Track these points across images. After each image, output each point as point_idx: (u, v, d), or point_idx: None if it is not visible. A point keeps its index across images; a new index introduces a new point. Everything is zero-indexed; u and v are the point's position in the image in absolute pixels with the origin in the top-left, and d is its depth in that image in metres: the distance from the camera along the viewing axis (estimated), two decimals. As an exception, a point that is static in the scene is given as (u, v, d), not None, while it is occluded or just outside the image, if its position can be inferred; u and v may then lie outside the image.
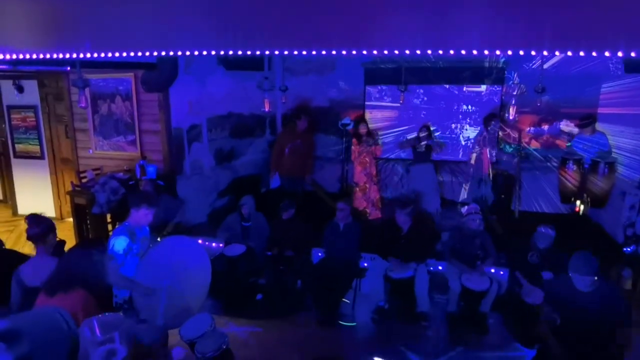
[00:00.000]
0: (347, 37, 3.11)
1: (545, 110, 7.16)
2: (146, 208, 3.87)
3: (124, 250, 3.75)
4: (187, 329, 3.60)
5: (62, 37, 3.27)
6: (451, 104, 7.80)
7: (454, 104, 7.79)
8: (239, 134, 8.04)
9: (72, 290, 2.94)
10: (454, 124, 7.86)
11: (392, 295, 5.32)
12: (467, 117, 7.77)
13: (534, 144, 7.46)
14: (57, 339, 1.29)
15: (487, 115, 7.19)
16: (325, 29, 2.89)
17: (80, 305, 2.85)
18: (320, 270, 5.44)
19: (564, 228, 6.18)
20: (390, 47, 3.45)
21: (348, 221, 5.61)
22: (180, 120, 6.95)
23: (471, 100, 7.69)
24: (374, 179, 7.24)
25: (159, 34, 3.19)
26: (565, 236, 5.38)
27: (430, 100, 7.87)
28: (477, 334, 4.94)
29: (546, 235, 4.96)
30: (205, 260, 4.19)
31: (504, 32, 2.93)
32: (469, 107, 7.73)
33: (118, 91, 6.93)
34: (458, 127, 7.85)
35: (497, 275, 5.25)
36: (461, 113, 7.79)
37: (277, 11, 2.36)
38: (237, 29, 2.94)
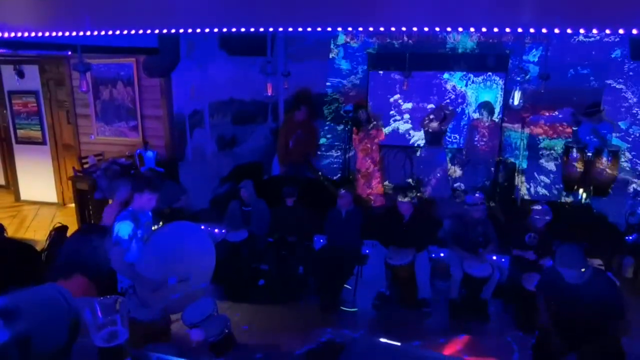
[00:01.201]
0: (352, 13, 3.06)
1: (549, 97, 7.11)
2: (149, 193, 3.87)
3: (129, 236, 3.75)
4: (190, 313, 3.62)
5: (61, 13, 3.24)
6: (455, 91, 7.74)
7: (458, 91, 7.73)
8: (241, 120, 8.01)
9: (72, 276, 2.94)
10: (458, 110, 7.80)
11: (394, 282, 5.34)
12: (471, 104, 7.71)
13: (537, 131, 7.41)
14: (56, 316, 1.29)
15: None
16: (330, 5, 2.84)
17: (80, 291, 2.85)
18: (322, 257, 5.45)
19: (567, 216, 6.19)
20: (398, 24, 3.39)
21: (350, 208, 5.60)
22: (182, 106, 6.92)
23: (475, 87, 7.63)
24: (378, 165, 7.20)
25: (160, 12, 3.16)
26: (568, 224, 5.38)
27: (434, 86, 7.80)
28: (478, 320, 4.96)
29: (541, 211, 4.94)
30: (209, 246, 4.19)
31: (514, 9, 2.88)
32: (472, 94, 7.66)
33: (119, 76, 6.89)
34: (462, 114, 7.80)
35: (499, 262, 5.26)
36: (465, 100, 7.73)
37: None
38: (239, 5, 2.90)
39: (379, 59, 7.89)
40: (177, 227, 4.27)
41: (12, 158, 8.26)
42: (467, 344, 4.58)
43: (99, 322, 1.43)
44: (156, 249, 3.85)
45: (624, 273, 5.70)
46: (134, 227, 3.79)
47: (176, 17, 3.47)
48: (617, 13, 2.83)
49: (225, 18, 3.47)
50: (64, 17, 3.45)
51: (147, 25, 3.79)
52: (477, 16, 3.21)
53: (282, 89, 7.78)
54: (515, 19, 3.15)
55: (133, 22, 3.60)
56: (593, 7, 2.87)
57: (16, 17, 3.69)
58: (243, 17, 3.30)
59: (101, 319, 1.43)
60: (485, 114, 7.15)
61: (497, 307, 5.14)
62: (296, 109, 7.45)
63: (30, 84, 7.73)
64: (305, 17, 3.28)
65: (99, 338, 1.42)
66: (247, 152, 8.12)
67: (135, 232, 3.80)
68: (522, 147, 7.36)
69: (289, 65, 7.01)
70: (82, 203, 6.65)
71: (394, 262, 5.16)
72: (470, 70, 7.56)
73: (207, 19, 3.56)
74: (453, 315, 5.04)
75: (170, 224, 4.18)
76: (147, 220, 4.00)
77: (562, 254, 3.56)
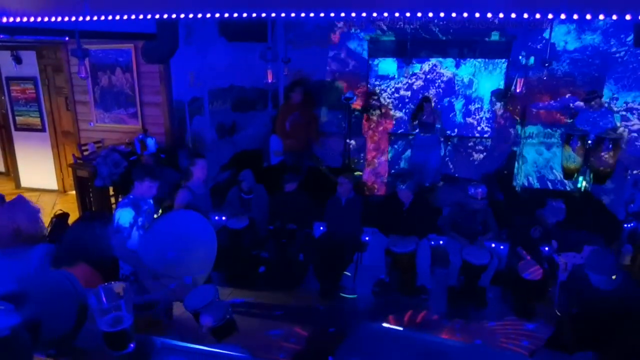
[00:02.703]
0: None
1: (551, 84, 7.09)
2: (149, 181, 3.89)
3: (129, 223, 3.76)
4: (192, 299, 3.63)
5: (59, 0, 3.21)
6: (457, 78, 7.70)
7: (460, 78, 7.69)
8: (241, 108, 7.97)
9: (76, 264, 2.95)
10: (459, 98, 7.78)
11: (393, 269, 5.37)
12: (472, 91, 7.68)
13: (538, 118, 7.39)
14: (64, 301, 1.31)
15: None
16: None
17: (84, 279, 2.86)
18: (322, 244, 5.47)
19: (566, 204, 6.20)
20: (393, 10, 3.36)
21: (350, 196, 5.61)
22: (182, 93, 6.89)
23: (477, 73, 7.59)
24: (386, 155, 7.16)
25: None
26: (568, 212, 5.39)
27: (436, 73, 7.76)
28: (476, 307, 5.01)
29: (558, 209, 4.95)
30: (210, 233, 4.20)
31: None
32: (476, 81, 7.62)
33: (118, 62, 6.84)
34: (463, 101, 7.78)
35: (497, 250, 5.29)
36: (466, 87, 7.69)
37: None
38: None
39: (380, 46, 7.83)
40: (178, 214, 4.28)
41: (11, 145, 8.24)
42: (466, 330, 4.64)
43: (104, 308, 1.45)
44: (158, 237, 3.86)
45: (622, 261, 5.73)
46: (135, 215, 3.80)
47: (175, 2, 3.44)
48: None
49: (223, 2, 3.44)
50: (63, 2, 3.41)
51: (146, 10, 3.75)
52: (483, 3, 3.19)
53: (282, 76, 7.74)
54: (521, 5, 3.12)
55: (132, 6, 3.57)
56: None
57: (13, 2, 3.65)
58: (241, 1, 3.26)
59: (106, 304, 1.45)
60: (495, 101, 7.08)
61: (495, 294, 5.18)
62: (291, 92, 7.41)
63: (28, 70, 7.68)
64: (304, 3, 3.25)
65: (104, 323, 1.44)
66: (247, 139, 8.09)
67: (136, 220, 3.81)
68: (523, 134, 7.36)
69: (289, 52, 6.96)
70: (83, 190, 6.65)
71: (398, 250, 5.18)
72: (472, 56, 7.52)
73: (205, 3, 3.52)
74: (451, 302, 5.08)
75: (171, 212, 4.19)
76: (148, 207, 4.01)
77: (593, 258, 3.48)
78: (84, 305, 1.37)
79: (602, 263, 3.39)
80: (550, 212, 4.96)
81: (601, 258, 3.44)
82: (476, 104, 7.69)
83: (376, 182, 7.20)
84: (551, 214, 4.95)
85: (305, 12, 3.95)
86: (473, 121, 7.75)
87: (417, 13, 3.54)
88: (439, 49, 7.58)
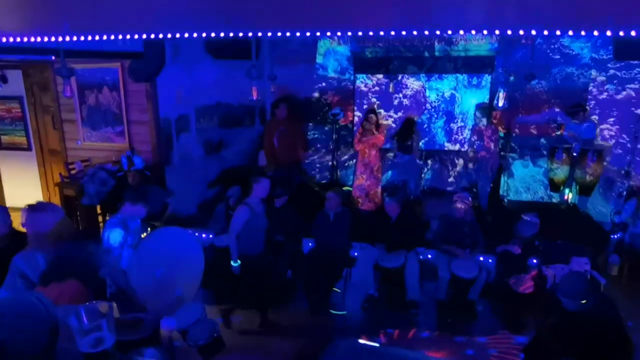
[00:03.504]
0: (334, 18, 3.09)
1: (534, 98, 7.20)
2: (142, 206, 3.90)
3: (119, 243, 3.74)
4: (179, 317, 3.59)
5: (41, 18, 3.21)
6: (441, 92, 7.80)
7: (444, 92, 7.79)
8: (228, 124, 7.98)
9: (66, 280, 2.91)
10: (443, 112, 7.87)
11: (383, 284, 5.35)
12: (459, 106, 7.78)
13: (523, 132, 7.48)
14: (35, 324, 1.28)
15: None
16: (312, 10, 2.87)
17: (74, 295, 2.83)
18: (311, 260, 5.45)
19: (553, 216, 6.26)
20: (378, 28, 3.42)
21: (338, 210, 5.60)
22: (168, 111, 6.89)
23: (461, 88, 7.69)
24: (375, 172, 7.12)
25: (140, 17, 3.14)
26: (554, 224, 5.45)
27: (420, 88, 7.86)
28: (466, 320, 5.00)
29: (531, 223, 4.99)
30: (197, 250, 4.19)
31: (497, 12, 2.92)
32: (458, 96, 7.73)
33: (105, 81, 6.84)
34: (447, 115, 7.86)
35: (486, 262, 5.31)
36: (450, 102, 7.79)
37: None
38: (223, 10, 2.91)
39: (365, 63, 7.92)
40: (165, 232, 4.26)
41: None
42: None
43: (85, 328, 1.42)
44: (146, 256, 3.84)
45: (609, 271, 5.79)
46: (125, 234, 3.79)
47: (157, 22, 3.47)
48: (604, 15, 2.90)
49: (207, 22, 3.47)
50: (44, 22, 3.42)
51: (128, 30, 3.78)
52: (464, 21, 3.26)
53: (269, 93, 7.78)
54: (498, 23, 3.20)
55: (113, 27, 3.59)
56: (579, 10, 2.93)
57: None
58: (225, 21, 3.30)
59: (87, 324, 1.43)
60: (479, 115, 7.17)
61: (485, 307, 5.18)
62: (275, 108, 7.45)
63: (14, 89, 7.63)
64: (288, 22, 3.30)
65: (85, 344, 1.42)
66: (234, 155, 8.09)
67: (125, 239, 3.80)
68: (508, 148, 7.45)
69: (275, 69, 7.01)
70: (70, 209, 6.57)
71: (387, 265, 5.18)
72: (456, 72, 7.63)
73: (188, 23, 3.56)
74: (441, 316, 5.07)
75: (159, 230, 4.17)
76: (136, 226, 3.99)
77: (564, 282, 3.48)
78: (56, 327, 1.34)
79: (572, 287, 3.39)
80: (523, 227, 5.00)
81: (572, 282, 3.43)
82: (460, 118, 7.78)
83: (361, 197, 7.18)
84: (525, 228, 4.99)
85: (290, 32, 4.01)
86: (458, 135, 7.84)
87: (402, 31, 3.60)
88: (423, 65, 7.69)
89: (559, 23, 3.15)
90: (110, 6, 2.91)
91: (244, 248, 4.81)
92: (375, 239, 5.46)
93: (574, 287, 3.39)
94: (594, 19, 3.06)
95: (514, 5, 2.62)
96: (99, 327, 1.43)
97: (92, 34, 3.64)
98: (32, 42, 3.95)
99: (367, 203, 7.15)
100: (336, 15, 2.99)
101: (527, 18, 3.01)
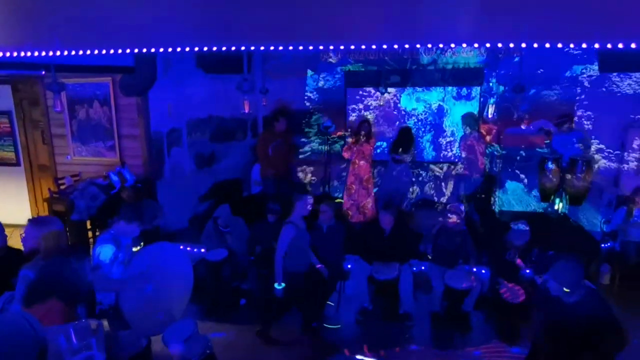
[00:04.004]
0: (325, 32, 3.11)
1: (524, 109, 7.27)
2: (137, 225, 3.86)
3: (110, 260, 3.69)
4: (170, 334, 3.54)
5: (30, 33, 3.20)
6: (431, 104, 7.87)
7: (434, 104, 7.86)
8: (220, 138, 7.98)
9: (47, 300, 2.85)
10: (433, 124, 7.93)
11: (376, 297, 5.33)
12: (447, 117, 7.84)
13: (513, 143, 7.55)
14: (22, 344, 1.26)
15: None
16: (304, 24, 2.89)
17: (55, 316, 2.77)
18: (304, 274, 5.40)
19: (544, 226, 6.29)
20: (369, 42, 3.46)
21: (331, 223, 5.58)
22: (160, 124, 6.88)
23: (451, 100, 7.77)
24: (364, 182, 7.05)
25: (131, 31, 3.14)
26: (546, 234, 5.46)
27: (411, 101, 7.92)
28: (460, 332, 4.98)
29: (520, 231, 5.00)
30: (187, 266, 4.14)
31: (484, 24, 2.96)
32: (448, 108, 7.80)
33: (96, 96, 6.82)
34: (437, 127, 7.93)
35: (479, 273, 5.31)
36: (441, 114, 7.86)
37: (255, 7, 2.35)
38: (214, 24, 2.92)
39: (356, 76, 7.98)
40: (156, 248, 4.20)
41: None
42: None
43: (74, 347, 1.40)
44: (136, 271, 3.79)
45: (600, 280, 5.81)
46: (116, 251, 3.74)
47: (148, 37, 3.47)
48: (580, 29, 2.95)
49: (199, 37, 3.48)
50: (35, 37, 3.40)
51: (119, 45, 3.77)
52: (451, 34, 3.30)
53: (261, 106, 7.80)
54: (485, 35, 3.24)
55: (104, 41, 3.58)
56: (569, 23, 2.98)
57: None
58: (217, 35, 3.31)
59: (76, 344, 1.40)
60: (466, 127, 7.17)
61: (479, 319, 5.16)
62: (275, 121, 7.44)
63: (3, 103, 7.58)
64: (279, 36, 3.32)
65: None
66: (226, 169, 8.07)
67: (116, 256, 3.75)
68: (499, 159, 7.50)
69: (267, 82, 7.03)
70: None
71: (381, 277, 5.16)
72: (446, 85, 7.71)
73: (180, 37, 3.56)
74: (436, 328, 5.05)
75: (150, 246, 4.12)
76: (127, 242, 3.95)
77: (558, 267, 3.43)
78: (44, 348, 1.32)
79: (564, 273, 3.35)
80: (514, 236, 5.01)
81: (565, 268, 3.39)
82: (450, 130, 7.85)
83: (350, 209, 7.12)
84: (516, 237, 4.99)
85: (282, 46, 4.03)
86: (448, 147, 7.89)
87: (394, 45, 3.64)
88: (414, 78, 7.76)
89: (548, 35, 3.20)
90: (101, 20, 2.91)
91: (291, 266, 4.85)
92: (369, 252, 5.43)
93: (565, 273, 3.34)
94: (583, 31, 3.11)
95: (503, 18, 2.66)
96: (88, 346, 1.41)
97: (83, 48, 3.63)
98: (22, 57, 3.93)
99: (357, 215, 7.07)
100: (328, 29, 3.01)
101: (516, 31, 3.05)
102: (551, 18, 2.67)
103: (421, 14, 2.54)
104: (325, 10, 2.40)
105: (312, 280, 5.22)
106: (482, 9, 2.46)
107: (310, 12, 2.50)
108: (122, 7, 2.46)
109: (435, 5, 2.31)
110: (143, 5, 2.34)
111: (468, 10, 2.53)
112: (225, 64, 6.18)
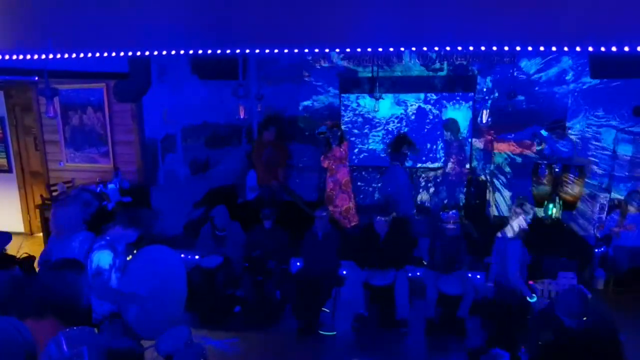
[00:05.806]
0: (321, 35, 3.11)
1: (516, 115, 7.32)
2: (133, 231, 3.84)
3: (109, 266, 3.66)
4: (164, 342, 3.50)
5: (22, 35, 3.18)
6: (424, 112, 7.90)
7: (428, 112, 7.89)
8: (215, 144, 7.96)
9: (45, 317, 2.77)
10: (426, 131, 7.95)
11: (372, 303, 5.30)
12: (440, 124, 7.86)
13: (506, 149, 7.58)
14: (9, 350, 1.24)
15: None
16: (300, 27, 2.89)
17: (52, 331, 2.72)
18: (299, 280, 5.38)
19: (538, 232, 6.29)
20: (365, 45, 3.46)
21: (327, 230, 5.57)
22: (154, 131, 6.85)
23: (445, 107, 7.79)
24: (343, 187, 6.91)
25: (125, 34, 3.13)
26: (539, 240, 5.47)
27: (405, 108, 7.95)
28: (455, 338, 4.96)
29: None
30: (181, 271, 4.12)
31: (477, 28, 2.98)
32: (442, 115, 7.83)
33: (89, 102, 6.79)
34: (431, 134, 7.95)
35: (474, 279, 5.30)
36: (434, 120, 7.88)
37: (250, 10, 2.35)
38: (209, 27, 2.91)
39: (350, 82, 8.01)
40: (151, 251, 4.17)
41: (-25, 187, 7.97)
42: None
43: (65, 356, 1.37)
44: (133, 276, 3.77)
45: (595, 285, 5.82)
46: (113, 257, 3.72)
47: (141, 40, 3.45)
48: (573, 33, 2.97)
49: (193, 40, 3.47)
50: (28, 40, 3.38)
51: (113, 48, 3.75)
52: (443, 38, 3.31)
53: (256, 112, 7.79)
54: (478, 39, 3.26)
55: (98, 44, 3.57)
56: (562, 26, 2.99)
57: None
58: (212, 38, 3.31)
59: (67, 352, 1.37)
60: (448, 133, 7.13)
61: (474, 325, 5.15)
62: (265, 130, 7.44)
63: (-5, 110, 7.54)
64: (275, 39, 3.32)
65: (65, 372, 1.36)
66: (221, 175, 8.05)
67: (114, 262, 3.72)
68: (492, 165, 7.53)
69: (262, 88, 7.04)
70: (51, 232, 6.43)
71: (377, 283, 5.14)
72: (439, 91, 7.74)
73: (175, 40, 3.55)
74: (430, 334, 5.03)
75: (144, 249, 4.09)
76: (122, 249, 3.93)
77: (562, 301, 3.47)
78: (32, 354, 1.29)
79: (571, 306, 3.38)
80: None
81: (570, 301, 3.42)
82: (444, 137, 7.86)
83: (334, 215, 6.99)
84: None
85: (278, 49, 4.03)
86: (441, 153, 7.91)
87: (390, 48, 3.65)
88: (407, 84, 7.79)
89: (541, 39, 3.22)
90: (94, 23, 2.90)
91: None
92: (364, 258, 5.42)
93: (571, 306, 3.38)
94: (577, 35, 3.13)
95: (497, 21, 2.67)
96: (80, 355, 1.38)
97: (76, 51, 3.61)
98: (15, 62, 3.91)
99: (343, 220, 6.92)
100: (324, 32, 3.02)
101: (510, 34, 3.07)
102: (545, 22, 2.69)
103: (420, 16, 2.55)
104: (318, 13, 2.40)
105: (307, 286, 5.20)
106: (475, 13, 2.48)
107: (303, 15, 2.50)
108: (115, 10, 2.45)
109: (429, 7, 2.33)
110: (136, 8, 2.33)
111: (461, 14, 2.55)
112: (221, 69, 6.19)
